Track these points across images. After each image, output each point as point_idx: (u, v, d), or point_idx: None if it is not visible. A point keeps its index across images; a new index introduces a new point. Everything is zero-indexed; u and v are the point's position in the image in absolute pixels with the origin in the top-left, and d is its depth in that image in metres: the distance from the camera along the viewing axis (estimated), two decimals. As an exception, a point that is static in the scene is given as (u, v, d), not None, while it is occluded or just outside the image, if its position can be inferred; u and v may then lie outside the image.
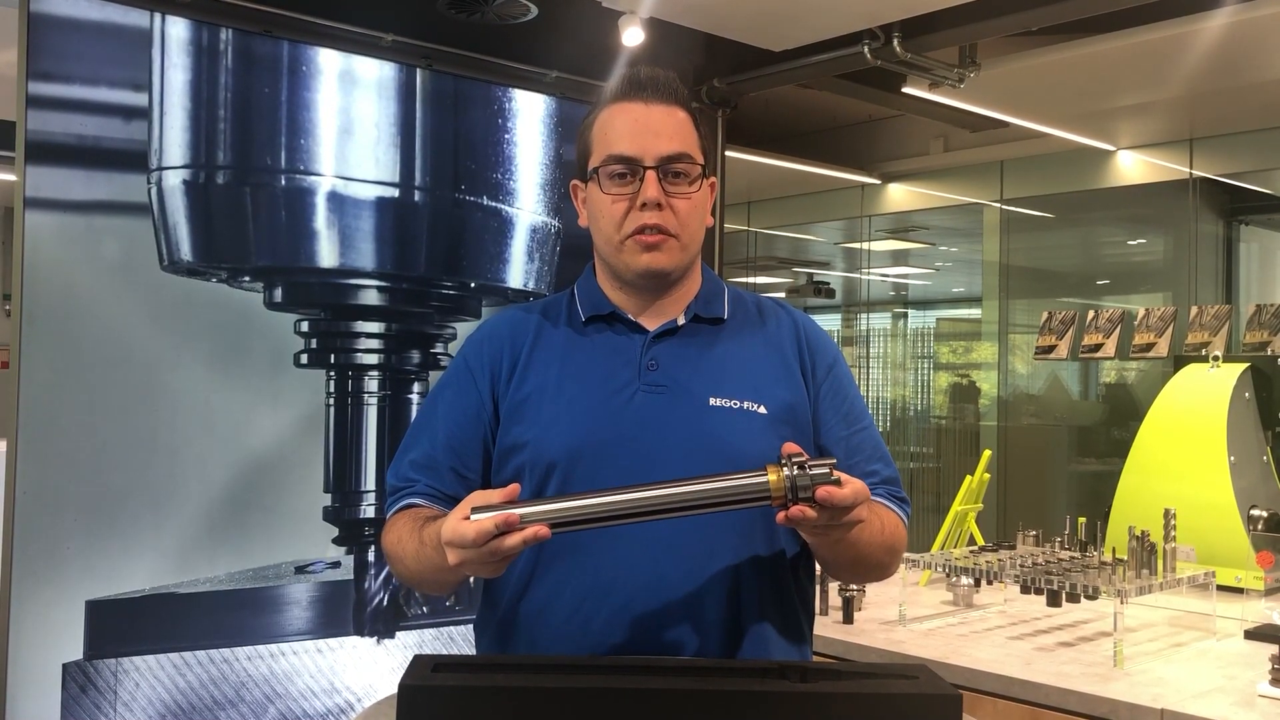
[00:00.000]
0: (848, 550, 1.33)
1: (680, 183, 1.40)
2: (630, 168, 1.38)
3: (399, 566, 1.38)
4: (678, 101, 1.42)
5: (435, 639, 3.03)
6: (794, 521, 1.18)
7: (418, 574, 1.34)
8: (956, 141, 5.61)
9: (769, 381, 1.43)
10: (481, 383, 1.44)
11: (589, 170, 1.43)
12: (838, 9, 3.25)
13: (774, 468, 1.18)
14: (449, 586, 1.38)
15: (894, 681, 1.13)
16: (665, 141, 1.38)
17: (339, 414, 2.94)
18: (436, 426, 1.44)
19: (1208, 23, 3.35)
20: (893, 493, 1.45)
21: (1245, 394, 2.92)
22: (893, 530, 1.41)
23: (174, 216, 2.69)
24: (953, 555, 2.64)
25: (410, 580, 1.39)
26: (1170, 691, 2.00)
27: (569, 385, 1.40)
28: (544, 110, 3.29)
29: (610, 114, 1.42)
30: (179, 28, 2.70)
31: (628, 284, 1.44)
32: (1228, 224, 5.57)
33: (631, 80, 1.42)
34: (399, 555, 1.37)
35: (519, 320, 1.48)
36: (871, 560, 1.39)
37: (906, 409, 7.58)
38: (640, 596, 1.33)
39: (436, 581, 1.35)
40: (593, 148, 1.42)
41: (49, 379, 2.51)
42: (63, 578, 2.52)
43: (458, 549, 1.17)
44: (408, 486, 1.42)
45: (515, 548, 1.15)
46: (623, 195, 1.39)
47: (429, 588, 1.41)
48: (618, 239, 1.40)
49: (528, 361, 1.43)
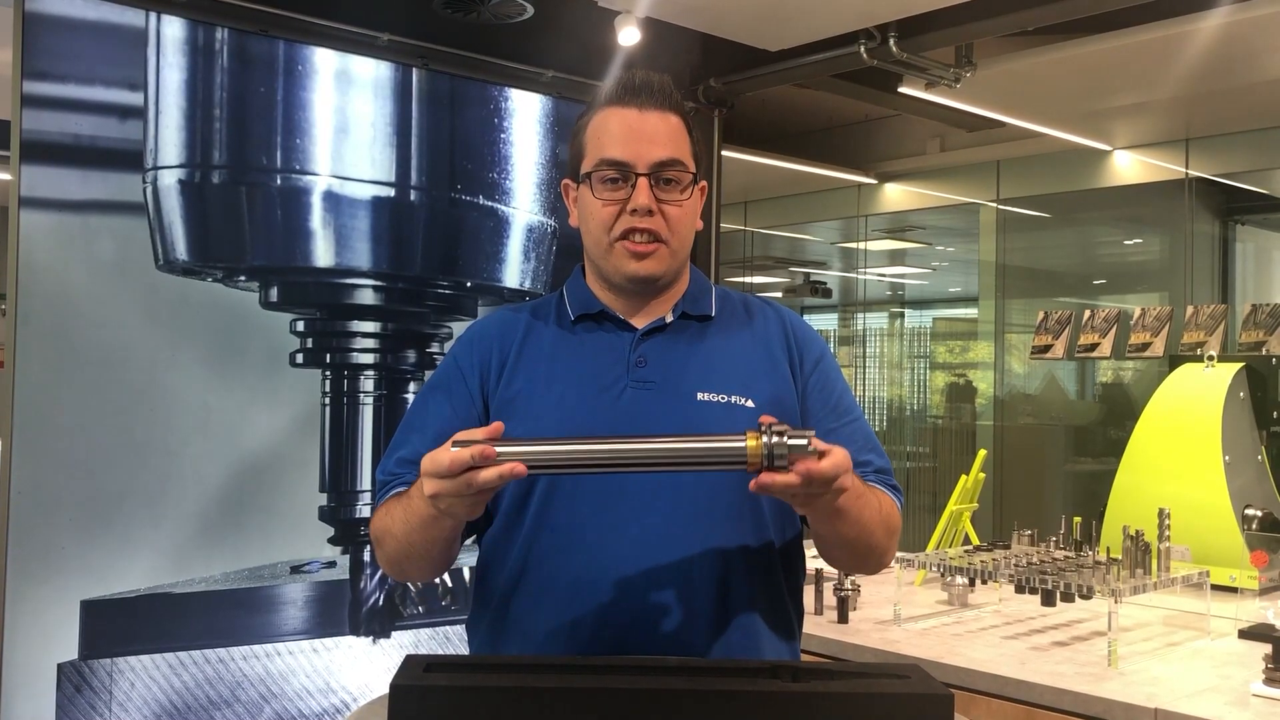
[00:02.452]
0: (845, 527, 1.32)
1: (672, 189, 1.40)
2: (622, 173, 1.39)
3: (387, 542, 1.36)
4: (672, 107, 1.42)
5: (431, 639, 3.03)
6: (766, 488, 1.16)
7: (404, 538, 1.32)
8: (953, 141, 5.62)
9: (756, 375, 1.43)
10: (471, 382, 1.44)
11: (581, 173, 1.43)
12: (834, 9, 3.25)
13: (753, 434, 1.17)
14: (435, 554, 1.34)
15: (886, 681, 1.13)
16: (658, 148, 1.39)
17: (335, 413, 2.94)
18: (427, 423, 1.43)
19: (1203, 23, 3.35)
20: (885, 481, 1.45)
21: (1240, 393, 2.92)
22: (889, 512, 1.41)
23: (169, 216, 2.69)
24: (948, 555, 2.64)
25: (396, 556, 1.36)
26: (1164, 691, 2.00)
27: (558, 383, 1.40)
28: (540, 110, 3.29)
29: (604, 117, 1.42)
30: (174, 27, 2.70)
31: (616, 286, 1.45)
32: (1223, 224, 5.58)
33: (626, 84, 1.42)
34: (386, 528, 1.35)
35: (508, 320, 1.49)
36: (870, 540, 1.38)
37: (903, 408, 7.59)
38: (630, 589, 1.34)
39: (423, 543, 1.32)
40: (586, 150, 1.43)
41: (44, 379, 2.51)
42: (58, 577, 2.52)
43: (434, 479, 1.17)
44: (395, 479, 1.41)
45: (490, 481, 1.15)
46: (613, 200, 1.39)
47: (416, 561, 1.36)
48: (607, 241, 1.40)
49: (516, 360, 1.44)
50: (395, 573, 1.43)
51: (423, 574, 1.41)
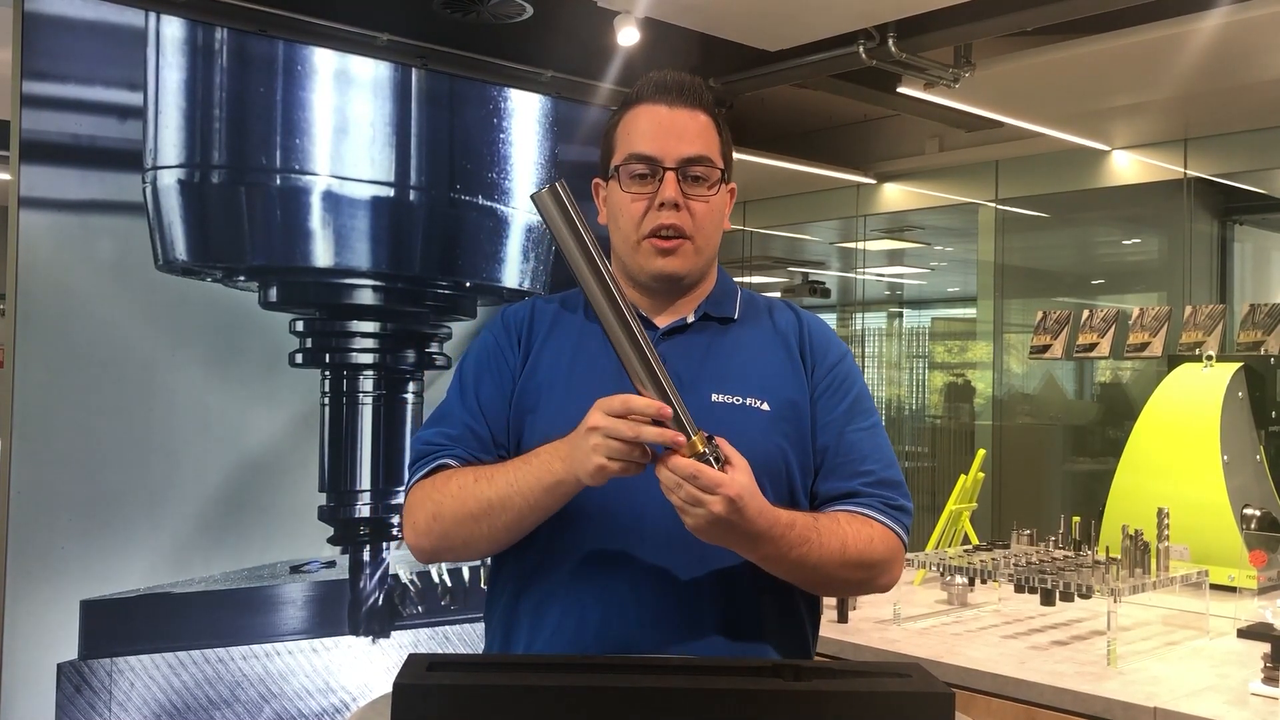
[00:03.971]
0: (780, 568, 1.31)
1: (699, 186, 1.41)
2: (651, 168, 1.40)
3: (446, 507, 1.33)
4: (701, 106, 1.44)
5: (430, 639, 3.03)
6: (661, 461, 1.21)
7: (498, 500, 1.29)
8: (952, 141, 5.62)
9: (773, 379, 1.43)
10: (512, 359, 1.45)
11: (610, 168, 1.44)
12: (833, 9, 3.26)
13: (702, 441, 1.21)
14: (515, 524, 1.31)
15: (887, 680, 1.13)
16: (686, 144, 1.40)
17: (334, 413, 2.94)
18: (471, 397, 1.43)
19: (1202, 23, 3.35)
20: (887, 501, 1.40)
21: (1239, 393, 2.93)
22: (861, 546, 1.35)
23: (169, 216, 2.69)
24: (947, 554, 2.64)
25: (457, 520, 1.32)
26: (1164, 690, 2.00)
27: (579, 378, 1.41)
28: (539, 110, 3.29)
29: (634, 114, 1.44)
30: (174, 27, 2.70)
31: (642, 284, 1.45)
32: (1222, 224, 5.58)
33: (658, 82, 1.44)
34: (446, 495, 1.33)
35: (540, 308, 1.51)
36: (827, 574, 1.34)
37: (902, 408, 7.59)
38: (639, 589, 1.34)
39: (520, 509, 1.29)
40: (615, 146, 1.44)
41: (44, 379, 2.51)
42: (58, 578, 2.52)
43: (606, 415, 1.21)
44: (439, 450, 1.40)
45: (650, 438, 1.20)
46: (642, 195, 1.40)
47: (490, 525, 1.32)
48: (635, 238, 1.41)
49: (541, 348, 1.45)
50: (438, 542, 1.36)
51: (479, 546, 1.35)
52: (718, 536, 1.24)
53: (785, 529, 1.27)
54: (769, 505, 1.26)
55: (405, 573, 3.02)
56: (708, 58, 3.73)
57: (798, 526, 1.29)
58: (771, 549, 1.27)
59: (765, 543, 1.26)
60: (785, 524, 1.27)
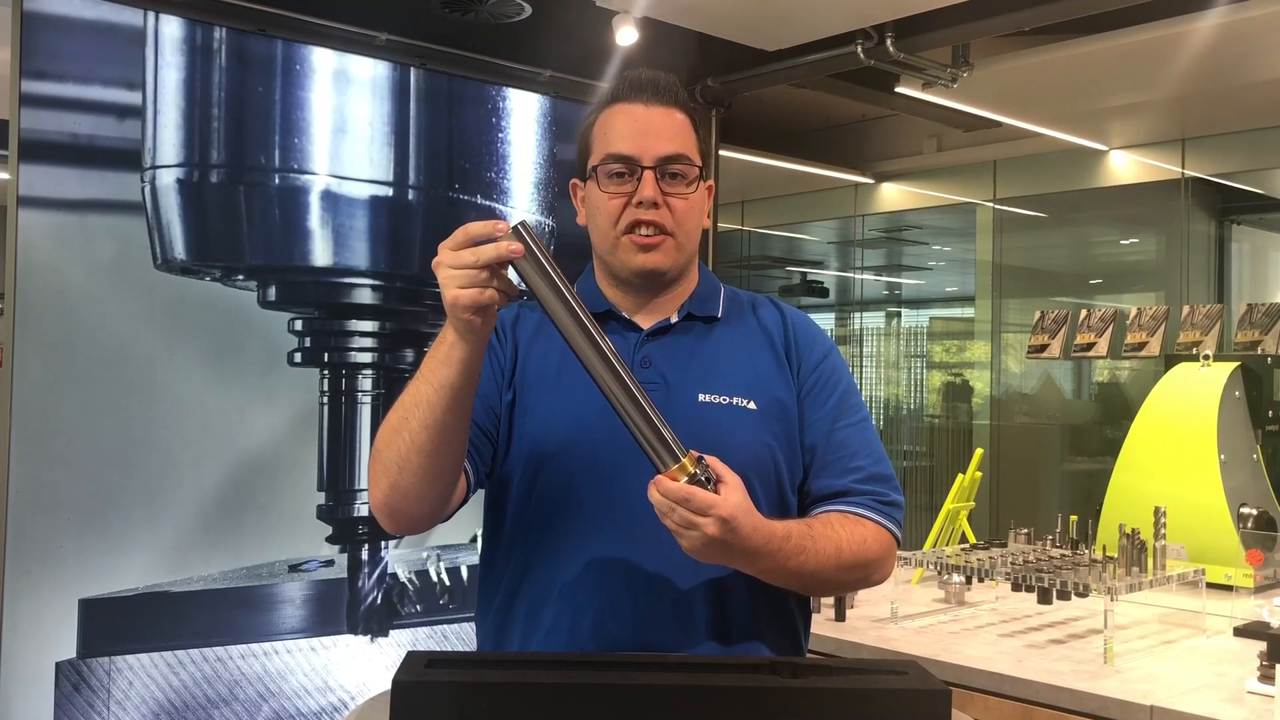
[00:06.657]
0: (778, 579, 1.31)
1: (677, 184, 1.41)
2: (628, 167, 1.39)
3: (384, 453, 1.28)
4: (677, 104, 1.44)
5: (429, 637, 3.04)
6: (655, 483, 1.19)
7: (410, 398, 1.25)
8: (949, 141, 5.63)
9: (760, 378, 1.43)
10: (505, 350, 1.45)
11: (588, 168, 1.44)
12: (831, 9, 3.26)
13: (692, 461, 1.19)
14: (437, 446, 1.25)
15: (884, 677, 1.14)
16: (664, 142, 1.40)
17: (333, 413, 2.94)
18: None
19: (1199, 23, 3.36)
20: (879, 498, 1.41)
21: (1236, 393, 2.93)
22: (855, 547, 1.35)
23: (168, 215, 2.70)
24: (944, 553, 2.65)
25: (394, 464, 1.27)
26: (1160, 688, 2.01)
27: (565, 380, 1.40)
28: (538, 109, 3.29)
29: (610, 114, 1.43)
30: (172, 26, 2.70)
31: (624, 282, 1.45)
32: (1219, 224, 5.59)
33: (632, 81, 1.43)
34: (380, 442, 1.29)
35: (525, 313, 1.50)
36: (823, 579, 1.35)
37: (899, 408, 7.59)
38: (632, 588, 1.34)
39: (431, 405, 1.24)
40: (592, 146, 1.44)
41: (43, 378, 2.51)
42: (56, 576, 2.52)
43: (446, 249, 1.19)
44: None
45: (487, 255, 1.16)
46: (620, 194, 1.40)
47: (418, 458, 1.25)
48: (613, 235, 1.41)
49: (529, 350, 1.45)
50: (385, 485, 1.29)
51: (411, 466, 1.26)
52: (715, 556, 1.23)
53: (781, 541, 1.27)
54: (763, 519, 1.25)
55: (404, 572, 3.03)
56: (706, 58, 3.74)
57: (793, 537, 1.29)
58: (769, 563, 1.27)
59: (762, 557, 1.26)
60: (781, 536, 1.27)
